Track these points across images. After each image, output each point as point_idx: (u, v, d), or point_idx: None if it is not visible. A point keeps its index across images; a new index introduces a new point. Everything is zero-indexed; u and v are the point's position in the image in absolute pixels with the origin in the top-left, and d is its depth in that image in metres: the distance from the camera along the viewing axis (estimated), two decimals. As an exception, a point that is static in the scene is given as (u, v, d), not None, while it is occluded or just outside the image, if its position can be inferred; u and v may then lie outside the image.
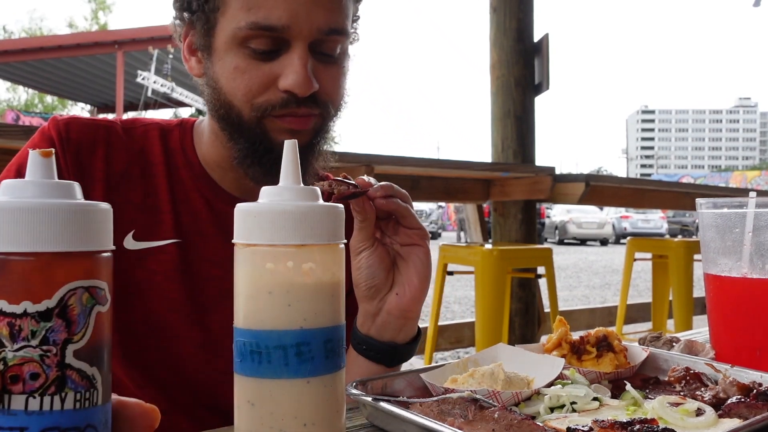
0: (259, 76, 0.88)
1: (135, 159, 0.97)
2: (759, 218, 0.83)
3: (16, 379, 0.41)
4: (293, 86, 0.87)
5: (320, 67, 0.90)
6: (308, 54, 0.88)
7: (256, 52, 0.87)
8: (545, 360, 0.75)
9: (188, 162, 0.99)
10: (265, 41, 0.87)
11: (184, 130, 1.02)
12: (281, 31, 0.86)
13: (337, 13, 0.89)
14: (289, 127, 0.90)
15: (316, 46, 0.89)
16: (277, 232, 0.50)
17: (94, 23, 37.68)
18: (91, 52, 14.28)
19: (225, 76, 0.90)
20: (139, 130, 1.00)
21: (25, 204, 0.41)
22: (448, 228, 29.21)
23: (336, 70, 0.93)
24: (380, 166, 3.06)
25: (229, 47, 0.89)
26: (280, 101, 0.88)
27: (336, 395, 0.52)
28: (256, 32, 0.86)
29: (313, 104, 0.90)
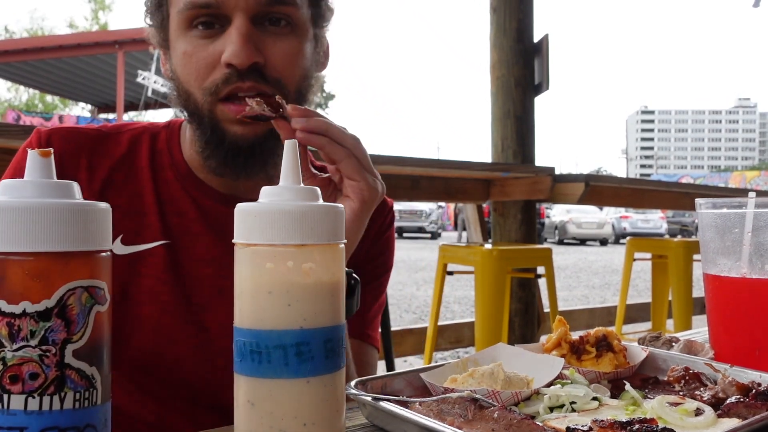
0: (205, 56, 0.87)
1: (119, 164, 0.96)
2: (758, 218, 0.83)
3: (15, 379, 0.41)
4: (230, 56, 0.84)
5: (268, 40, 0.88)
6: (249, 25, 0.86)
7: (200, 33, 0.87)
8: (545, 360, 0.75)
9: (174, 162, 0.98)
10: (205, 20, 0.86)
11: (171, 131, 1.01)
12: (217, 6, 0.85)
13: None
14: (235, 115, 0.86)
15: (260, 19, 0.87)
16: (277, 232, 0.50)
17: (94, 23, 37.67)
18: (92, 52, 14.28)
19: (178, 65, 0.90)
20: (125, 135, 0.99)
21: (24, 204, 0.41)
22: (448, 228, 29.22)
23: (287, 43, 0.89)
24: (380, 166, 3.05)
25: (178, 34, 0.89)
26: (222, 77, 0.86)
27: (336, 395, 0.52)
28: (194, 11, 0.86)
29: (261, 79, 0.87)
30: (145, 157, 0.98)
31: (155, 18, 0.93)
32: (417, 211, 23.64)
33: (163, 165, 0.98)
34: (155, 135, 1.01)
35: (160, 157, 0.99)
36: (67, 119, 21.22)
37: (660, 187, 5.57)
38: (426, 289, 8.85)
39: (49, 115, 22.85)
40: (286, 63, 0.89)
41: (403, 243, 20.43)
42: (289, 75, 0.90)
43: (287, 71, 0.90)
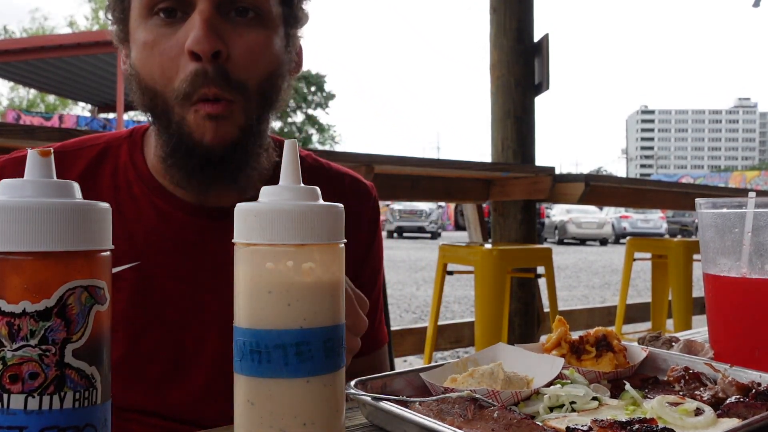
0: (168, 47, 0.82)
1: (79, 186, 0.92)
2: (758, 218, 0.83)
3: (15, 379, 0.41)
4: (192, 43, 0.80)
5: (232, 30, 0.83)
6: (213, 12, 0.82)
7: (161, 21, 0.82)
8: (544, 360, 0.75)
9: (139, 176, 0.93)
10: (167, 5, 0.82)
11: (134, 142, 0.95)
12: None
13: None
14: (204, 112, 0.82)
15: (226, 6, 0.83)
16: (277, 231, 0.50)
17: (94, 23, 37.67)
18: (92, 51, 14.27)
19: (139, 58, 0.84)
20: (85, 152, 0.94)
21: (23, 203, 0.41)
22: (448, 228, 29.22)
23: (254, 34, 0.85)
24: (380, 166, 3.06)
25: (138, 23, 0.84)
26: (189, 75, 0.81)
27: (336, 395, 0.52)
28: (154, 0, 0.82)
29: (224, 81, 0.82)
30: (102, 175, 0.92)
31: (116, 12, 0.88)
32: (417, 211, 23.65)
33: (128, 180, 0.92)
34: (115, 148, 0.95)
35: (124, 173, 0.93)
36: (67, 119, 21.22)
37: (660, 187, 5.56)
38: (426, 288, 8.85)
39: (50, 115, 22.86)
40: (250, 56, 0.85)
41: (403, 243, 20.43)
42: (253, 70, 0.85)
43: (251, 66, 0.85)
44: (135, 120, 22.46)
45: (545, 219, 24.06)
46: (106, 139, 0.97)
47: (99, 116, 20.29)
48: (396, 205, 23.71)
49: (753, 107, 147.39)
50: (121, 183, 0.92)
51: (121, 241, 0.89)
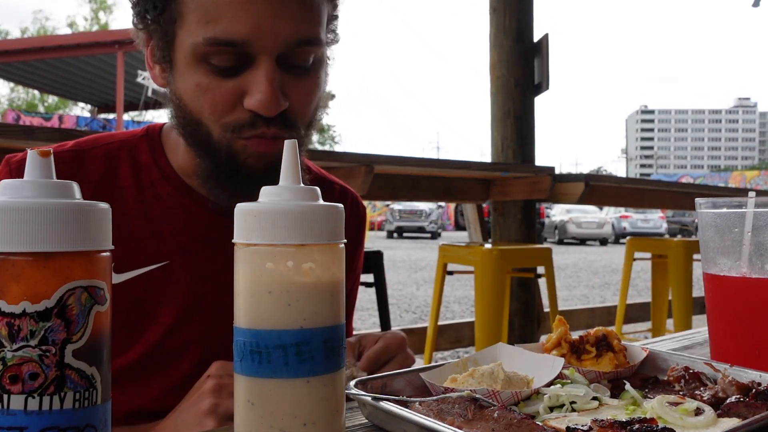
0: (223, 94, 0.82)
1: (99, 187, 0.90)
2: (758, 218, 0.83)
3: (15, 379, 0.41)
4: (258, 107, 0.80)
5: (290, 80, 0.84)
6: (275, 68, 0.81)
7: (218, 69, 0.81)
8: (545, 359, 0.75)
9: (164, 175, 0.93)
10: (227, 57, 0.80)
11: (153, 141, 0.95)
12: (243, 46, 0.79)
13: (306, 22, 0.82)
14: (256, 150, 0.84)
15: (285, 58, 0.83)
16: (277, 231, 0.50)
17: (94, 23, 37.68)
18: (92, 52, 14.28)
19: (188, 94, 0.84)
20: (101, 151, 0.93)
21: (23, 203, 0.41)
22: (448, 228, 29.22)
23: (309, 82, 0.86)
24: (380, 166, 3.06)
25: (189, 63, 0.82)
26: (248, 121, 0.82)
27: (336, 395, 0.52)
28: (215, 48, 0.79)
29: (282, 125, 0.84)
30: (127, 176, 0.92)
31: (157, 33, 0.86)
32: (417, 211, 23.65)
33: (152, 180, 0.92)
34: (134, 148, 0.94)
35: (147, 172, 0.93)
36: (67, 119, 21.22)
37: (660, 186, 5.57)
38: (426, 289, 8.85)
39: (49, 116, 22.86)
40: (306, 104, 0.87)
41: (403, 243, 20.43)
42: (307, 114, 0.88)
43: (305, 111, 0.87)
44: (135, 120, 22.46)
45: (545, 219, 24.07)
46: (121, 138, 0.96)
47: (99, 117, 20.29)
48: (396, 205, 23.71)
49: (753, 107, 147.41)
50: (144, 182, 0.92)
51: (148, 240, 0.90)
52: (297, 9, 0.81)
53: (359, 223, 1.14)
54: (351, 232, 1.11)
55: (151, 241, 0.91)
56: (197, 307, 0.92)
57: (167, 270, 0.90)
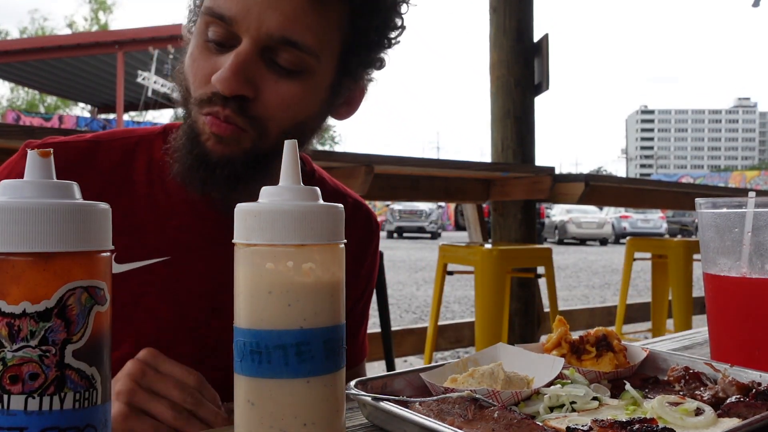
0: (204, 66, 0.84)
1: (111, 177, 0.92)
2: (758, 218, 0.83)
3: (15, 380, 0.41)
4: (217, 80, 0.81)
5: (268, 76, 0.83)
6: (253, 56, 0.82)
7: (210, 43, 0.84)
8: (545, 360, 0.75)
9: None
10: (217, 31, 0.83)
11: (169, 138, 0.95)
12: (230, 23, 0.81)
13: (297, 24, 0.81)
14: (210, 129, 0.83)
15: (269, 53, 0.83)
16: (277, 231, 0.50)
17: (94, 23, 37.68)
18: (92, 52, 14.29)
19: (186, 62, 0.88)
20: (118, 143, 0.95)
21: (23, 204, 0.41)
22: (448, 228, 29.22)
23: (287, 86, 0.84)
24: (380, 166, 3.06)
25: (196, 32, 0.87)
26: (208, 96, 0.83)
27: (336, 395, 0.52)
28: (209, 19, 0.83)
29: (241, 114, 0.83)
30: (137, 168, 0.93)
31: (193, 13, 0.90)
32: (417, 211, 23.65)
33: (163, 176, 0.93)
34: (149, 143, 0.96)
35: (159, 168, 0.94)
36: (67, 120, 21.22)
37: (660, 187, 5.57)
38: (426, 289, 8.85)
39: (49, 116, 22.86)
40: (277, 106, 0.84)
41: (403, 243, 20.43)
42: (276, 118, 0.85)
43: (275, 114, 0.85)
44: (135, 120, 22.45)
45: (545, 219, 24.07)
46: (140, 134, 0.98)
47: (99, 117, 20.30)
48: (396, 205, 23.71)
49: (753, 107, 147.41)
50: (155, 178, 0.93)
51: (153, 235, 0.91)
52: (292, 8, 0.81)
53: (371, 238, 1.12)
54: (363, 247, 1.10)
55: (155, 235, 0.91)
56: (195, 306, 0.92)
57: (168, 265, 0.91)
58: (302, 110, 0.87)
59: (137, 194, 0.92)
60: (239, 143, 0.85)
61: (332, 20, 0.85)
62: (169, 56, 14.55)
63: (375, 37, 0.90)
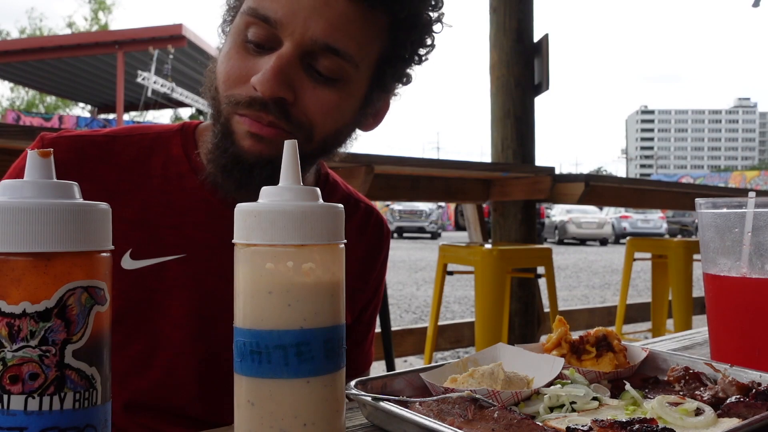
0: (240, 66, 0.84)
1: (127, 173, 0.92)
2: (758, 218, 0.83)
3: (15, 380, 0.41)
4: (257, 82, 0.80)
5: (307, 82, 0.83)
6: (294, 60, 0.82)
7: (248, 42, 0.83)
8: (545, 360, 0.75)
9: (194, 170, 0.93)
10: (258, 32, 0.82)
11: (186, 136, 0.97)
12: (274, 25, 0.81)
13: (340, 31, 0.82)
14: (249, 129, 0.83)
15: (309, 59, 0.83)
16: (277, 232, 0.50)
17: (94, 23, 37.68)
18: (92, 52, 14.30)
19: (220, 59, 0.87)
20: (136, 139, 0.95)
21: (23, 204, 0.41)
22: (448, 228, 29.22)
23: (327, 94, 0.84)
24: (380, 166, 3.06)
25: (233, 32, 0.86)
26: (246, 98, 0.83)
27: (336, 395, 0.52)
28: (252, 20, 0.82)
29: (282, 116, 0.83)
30: (153, 165, 0.93)
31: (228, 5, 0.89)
32: (417, 211, 23.64)
33: (180, 173, 0.93)
34: (166, 140, 0.96)
35: (176, 165, 0.94)
36: (67, 120, 21.22)
37: (660, 187, 5.57)
38: (426, 289, 8.85)
39: (49, 116, 22.86)
40: (317, 112, 0.85)
41: (403, 243, 20.43)
42: (319, 123, 0.86)
43: (318, 120, 0.85)
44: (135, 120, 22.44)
45: (545, 219, 24.06)
46: (156, 131, 0.98)
47: (99, 117, 20.30)
48: (396, 205, 23.70)
49: (753, 107, 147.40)
50: (171, 174, 0.93)
51: (168, 231, 0.91)
52: (338, 15, 0.81)
53: (382, 245, 1.11)
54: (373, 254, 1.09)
55: (171, 231, 0.91)
56: (207, 304, 0.92)
57: (182, 263, 0.91)
58: (340, 118, 0.88)
59: (154, 190, 0.92)
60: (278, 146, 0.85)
61: (373, 31, 0.85)
62: (169, 56, 14.55)
63: (409, 51, 0.91)
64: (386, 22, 0.86)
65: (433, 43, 0.93)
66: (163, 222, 0.91)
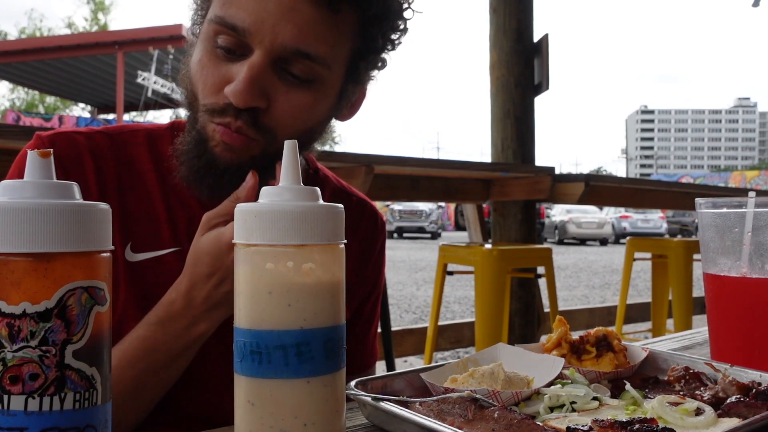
0: (214, 75, 0.84)
1: (125, 169, 0.94)
2: (758, 218, 0.83)
3: (15, 380, 0.41)
4: (230, 93, 0.81)
5: (281, 87, 0.84)
6: (266, 67, 0.82)
7: (220, 50, 0.84)
8: (545, 360, 0.75)
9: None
10: (228, 40, 0.82)
11: (176, 133, 0.98)
12: (243, 34, 0.81)
13: (310, 36, 0.82)
14: (221, 139, 0.84)
15: (282, 63, 0.83)
16: (277, 232, 0.50)
17: (94, 24, 37.68)
18: (92, 52, 14.31)
19: (193, 67, 0.87)
20: (126, 136, 0.97)
21: (23, 204, 0.41)
22: (448, 228, 29.21)
23: (300, 97, 0.85)
24: (380, 166, 3.06)
25: (202, 38, 0.86)
26: (221, 107, 0.84)
27: (336, 395, 0.52)
28: (220, 28, 0.82)
29: (253, 126, 0.84)
30: (147, 161, 0.96)
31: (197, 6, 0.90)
32: (417, 211, 23.64)
33: (171, 170, 0.95)
34: (157, 137, 0.98)
35: (167, 162, 0.95)
36: (66, 120, 21.23)
37: (660, 187, 5.57)
38: (426, 289, 8.85)
39: (49, 116, 22.86)
40: (288, 115, 0.86)
41: (403, 243, 20.43)
42: (287, 127, 0.86)
43: (287, 123, 0.86)
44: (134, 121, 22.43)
45: (545, 219, 24.06)
46: (148, 128, 1.00)
47: (99, 117, 20.30)
48: (396, 206, 23.70)
49: (753, 107, 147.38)
50: (164, 171, 0.95)
51: (165, 224, 0.93)
52: (305, 20, 0.81)
53: (377, 237, 1.12)
54: (368, 246, 1.10)
55: (168, 224, 0.93)
56: None
57: (179, 255, 0.92)
58: (312, 117, 0.89)
59: (149, 185, 0.95)
60: (248, 150, 0.86)
61: (343, 30, 0.86)
62: (169, 56, 14.55)
63: (381, 42, 0.91)
64: (356, 18, 0.86)
65: (405, 27, 0.93)
66: (160, 216, 0.94)
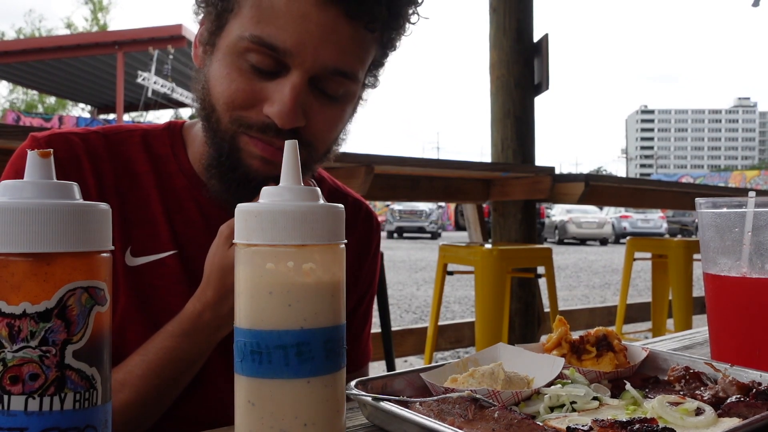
0: (247, 91, 0.84)
1: (122, 171, 0.94)
2: (758, 218, 0.83)
3: (15, 380, 0.41)
4: (276, 116, 0.82)
5: (316, 104, 0.86)
6: (305, 87, 0.83)
7: (252, 68, 0.83)
8: (545, 359, 0.75)
9: (181, 168, 0.96)
10: (264, 59, 0.82)
11: (173, 134, 0.98)
12: (283, 54, 0.81)
13: (348, 55, 0.84)
14: (261, 154, 0.85)
15: (317, 82, 0.85)
16: (277, 232, 0.50)
17: (93, 24, 37.68)
18: (92, 52, 14.30)
19: (215, 78, 0.86)
20: (122, 136, 0.97)
21: (23, 204, 0.41)
22: (448, 228, 29.21)
23: (333, 112, 0.88)
24: (380, 166, 3.06)
25: (229, 52, 0.85)
26: (259, 124, 0.84)
27: (336, 395, 0.52)
28: (257, 47, 0.82)
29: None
30: (143, 162, 0.95)
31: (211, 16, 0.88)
32: (417, 211, 23.64)
33: (169, 171, 0.95)
34: (153, 138, 0.98)
35: (164, 163, 0.96)
36: (66, 120, 21.23)
37: (660, 186, 5.57)
38: (426, 289, 8.85)
39: (49, 117, 22.86)
40: (324, 130, 0.89)
41: (403, 243, 20.44)
42: (323, 140, 0.90)
43: (323, 137, 0.89)
44: (135, 121, 22.45)
45: (545, 219, 24.06)
46: (144, 129, 0.99)
47: (99, 117, 20.30)
48: (396, 206, 23.70)
49: (753, 107, 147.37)
50: (162, 172, 0.95)
51: (163, 226, 0.93)
52: (345, 40, 0.83)
53: (372, 237, 1.13)
54: (363, 246, 1.11)
55: (166, 227, 0.93)
56: None
57: (177, 258, 0.93)
58: (342, 127, 0.93)
59: (146, 187, 0.95)
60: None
61: (371, 45, 0.88)
62: (169, 56, 14.55)
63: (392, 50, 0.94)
64: (379, 35, 0.89)
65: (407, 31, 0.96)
66: (158, 218, 0.94)
